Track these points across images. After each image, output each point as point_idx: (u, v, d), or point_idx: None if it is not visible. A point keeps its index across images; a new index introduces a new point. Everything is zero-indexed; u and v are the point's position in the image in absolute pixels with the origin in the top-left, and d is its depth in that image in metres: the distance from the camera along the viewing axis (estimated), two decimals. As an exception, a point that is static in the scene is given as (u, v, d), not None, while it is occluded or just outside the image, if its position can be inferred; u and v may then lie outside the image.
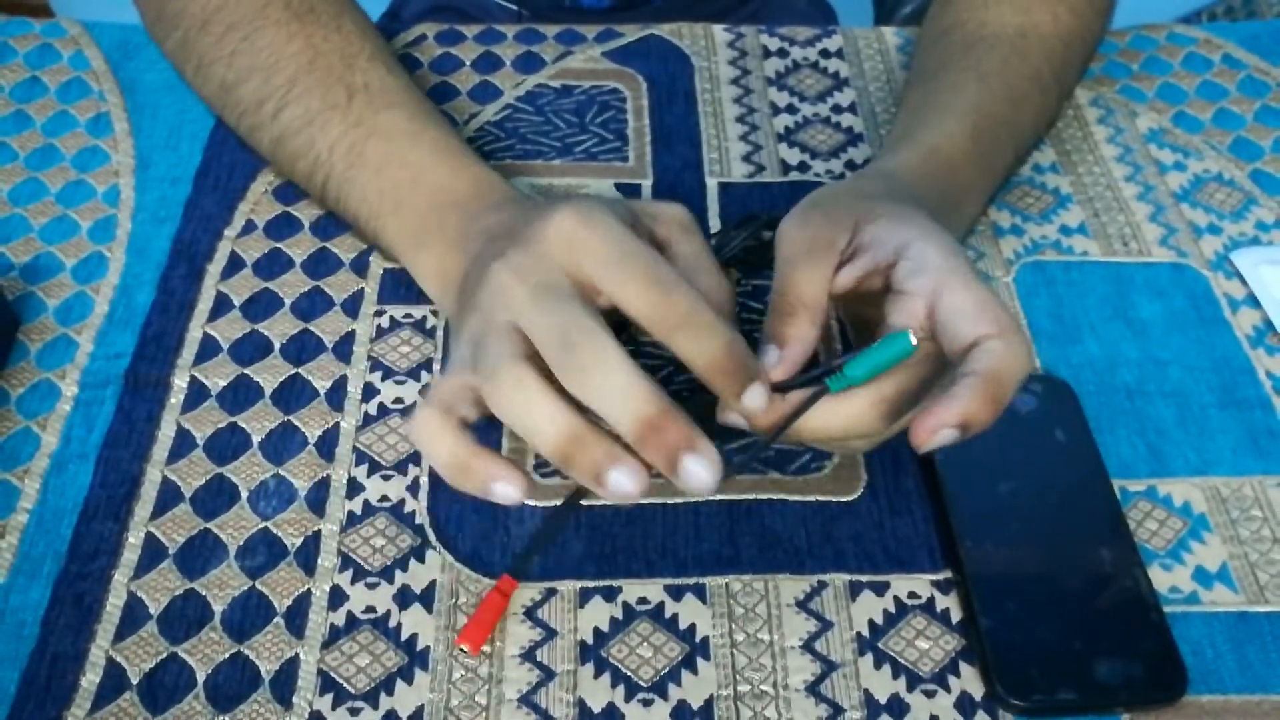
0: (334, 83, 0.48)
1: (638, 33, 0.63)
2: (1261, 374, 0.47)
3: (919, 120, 0.49)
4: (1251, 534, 0.42)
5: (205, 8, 0.50)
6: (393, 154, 0.46)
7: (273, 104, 0.48)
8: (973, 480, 0.42)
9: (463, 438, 0.34)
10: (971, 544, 0.40)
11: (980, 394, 0.34)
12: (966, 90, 0.50)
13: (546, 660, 0.38)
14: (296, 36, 0.48)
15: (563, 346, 0.33)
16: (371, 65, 0.49)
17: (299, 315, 0.48)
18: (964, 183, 0.48)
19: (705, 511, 0.42)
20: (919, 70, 0.55)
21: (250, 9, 0.49)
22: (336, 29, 0.49)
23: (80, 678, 0.37)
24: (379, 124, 0.47)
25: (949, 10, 0.55)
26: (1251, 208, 0.54)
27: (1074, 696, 0.37)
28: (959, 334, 0.36)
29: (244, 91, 0.49)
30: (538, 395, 0.33)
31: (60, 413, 0.44)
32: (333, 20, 0.50)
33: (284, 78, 0.48)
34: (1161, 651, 0.38)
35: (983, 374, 0.35)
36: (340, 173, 0.47)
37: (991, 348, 0.35)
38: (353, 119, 0.47)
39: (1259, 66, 0.61)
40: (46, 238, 0.51)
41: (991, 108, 0.50)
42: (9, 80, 0.58)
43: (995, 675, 0.37)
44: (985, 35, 0.52)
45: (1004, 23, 0.53)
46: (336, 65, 0.48)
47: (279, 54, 0.48)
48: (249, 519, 0.42)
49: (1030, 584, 0.40)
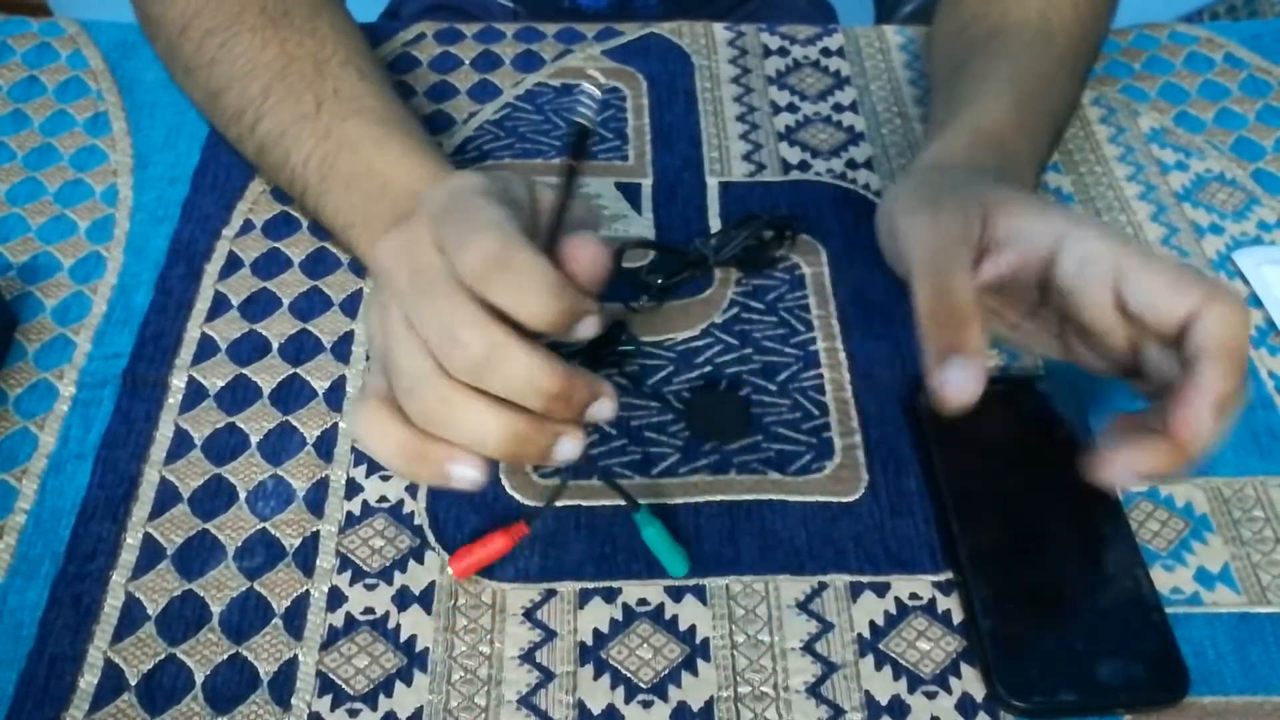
0: (304, 91, 0.47)
1: (637, 31, 0.62)
2: (1264, 374, 0.47)
3: (956, 107, 0.49)
4: (1254, 535, 0.42)
5: (184, 13, 0.50)
6: (360, 165, 0.45)
7: (250, 115, 0.48)
8: (973, 480, 0.42)
9: (410, 425, 0.33)
10: (972, 544, 0.40)
11: (1224, 372, 0.34)
12: (999, 71, 0.50)
13: (546, 662, 0.38)
14: (271, 43, 0.48)
15: (453, 343, 0.31)
16: (343, 70, 0.48)
17: (297, 315, 0.48)
18: (1015, 153, 0.47)
19: (705, 512, 0.42)
20: (943, 65, 0.55)
21: (226, 15, 0.49)
22: (310, 33, 0.49)
23: (78, 679, 0.37)
24: (346, 133, 0.46)
25: (966, 4, 0.55)
26: (1253, 207, 0.54)
27: (1075, 697, 0.37)
28: (1165, 312, 0.35)
29: (225, 101, 0.49)
30: (466, 408, 0.32)
31: (58, 413, 0.44)
32: (307, 24, 0.49)
33: (259, 87, 0.48)
34: (1163, 652, 0.38)
35: (1215, 350, 0.34)
36: (315, 185, 0.46)
37: (1211, 319, 0.34)
38: (321, 129, 0.46)
39: (1261, 66, 0.61)
40: (44, 237, 0.51)
41: (1026, 84, 0.49)
42: (7, 79, 0.58)
43: (996, 676, 0.37)
44: (1009, 23, 0.52)
45: (1027, 7, 0.52)
46: (308, 72, 0.47)
47: (254, 61, 0.48)
48: (247, 520, 0.42)
49: (1031, 585, 0.39)
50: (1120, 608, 0.39)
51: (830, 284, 0.50)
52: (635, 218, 0.53)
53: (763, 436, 0.45)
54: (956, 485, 0.42)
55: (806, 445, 0.44)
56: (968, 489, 0.42)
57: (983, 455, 0.42)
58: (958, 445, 0.42)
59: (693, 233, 0.52)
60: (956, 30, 0.55)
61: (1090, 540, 0.40)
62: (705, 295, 0.50)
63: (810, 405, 0.46)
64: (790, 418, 0.45)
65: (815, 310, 0.49)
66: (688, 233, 0.52)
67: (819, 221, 0.53)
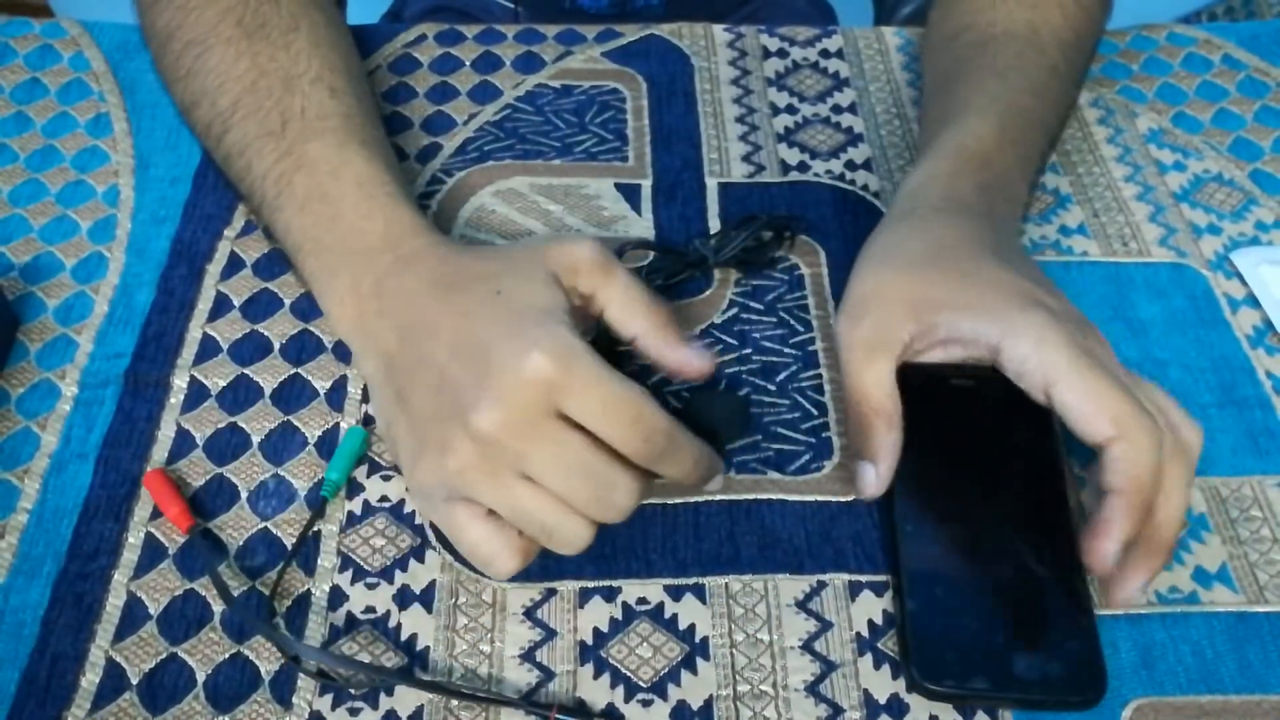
0: (271, 108, 0.46)
1: (637, 33, 0.63)
2: (1261, 374, 0.47)
3: (941, 126, 0.49)
4: (1251, 534, 0.42)
5: (168, 24, 0.50)
6: (314, 189, 0.45)
7: (218, 127, 0.47)
8: (924, 471, 0.41)
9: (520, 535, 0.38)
10: (910, 530, 0.40)
11: (1127, 512, 0.36)
12: (986, 87, 0.50)
13: (546, 660, 0.38)
14: (244, 56, 0.47)
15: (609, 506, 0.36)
16: (313, 88, 0.47)
17: (299, 315, 0.48)
18: (1000, 170, 0.47)
19: (705, 511, 0.42)
20: (933, 79, 0.55)
21: (204, 26, 0.48)
22: (285, 47, 0.48)
23: (80, 678, 0.37)
24: (307, 153, 0.45)
25: (955, 14, 0.55)
26: (1251, 208, 0.54)
27: (987, 686, 0.37)
28: (1083, 434, 0.37)
29: (200, 113, 0.49)
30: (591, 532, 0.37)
31: (60, 412, 0.44)
32: (283, 38, 0.48)
33: (228, 100, 0.47)
34: (1083, 654, 0.37)
35: (1119, 490, 0.36)
36: (270, 201, 0.45)
37: (1116, 456, 0.36)
38: (284, 147, 0.45)
39: (1259, 67, 0.61)
40: (46, 238, 0.51)
41: (1014, 100, 0.49)
42: (9, 81, 0.58)
43: (912, 657, 0.37)
44: (997, 34, 0.52)
45: (1014, 19, 0.52)
46: (277, 88, 0.47)
47: (225, 75, 0.47)
48: (249, 519, 0.42)
49: (963, 575, 0.39)
50: (1049, 607, 0.38)
51: (829, 284, 0.50)
52: (635, 218, 0.53)
53: (762, 436, 0.45)
54: (905, 475, 0.41)
55: (806, 445, 0.45)
56: (916, 479, 0.41)
57: (937, 447, 0.42)
58: (914, 436, 0.41)
59: (692, 233, 0.52)
60: (947, 39, 0.55)
61: (1031, 538, 0.40)
62: (704, 296, 0.50)
63: (809, 405, 0.46)
64: (790, 418, 0.45)
65: (814, 310, 0.49)
66: (687, 233, 0.52)
67: (818, 222, 0.53)
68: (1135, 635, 0.39)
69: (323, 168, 0.45)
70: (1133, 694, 0.38)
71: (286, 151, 0.45)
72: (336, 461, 0.42)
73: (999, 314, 0.39)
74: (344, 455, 0.42)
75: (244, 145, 0.46)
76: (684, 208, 0.53)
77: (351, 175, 0.45)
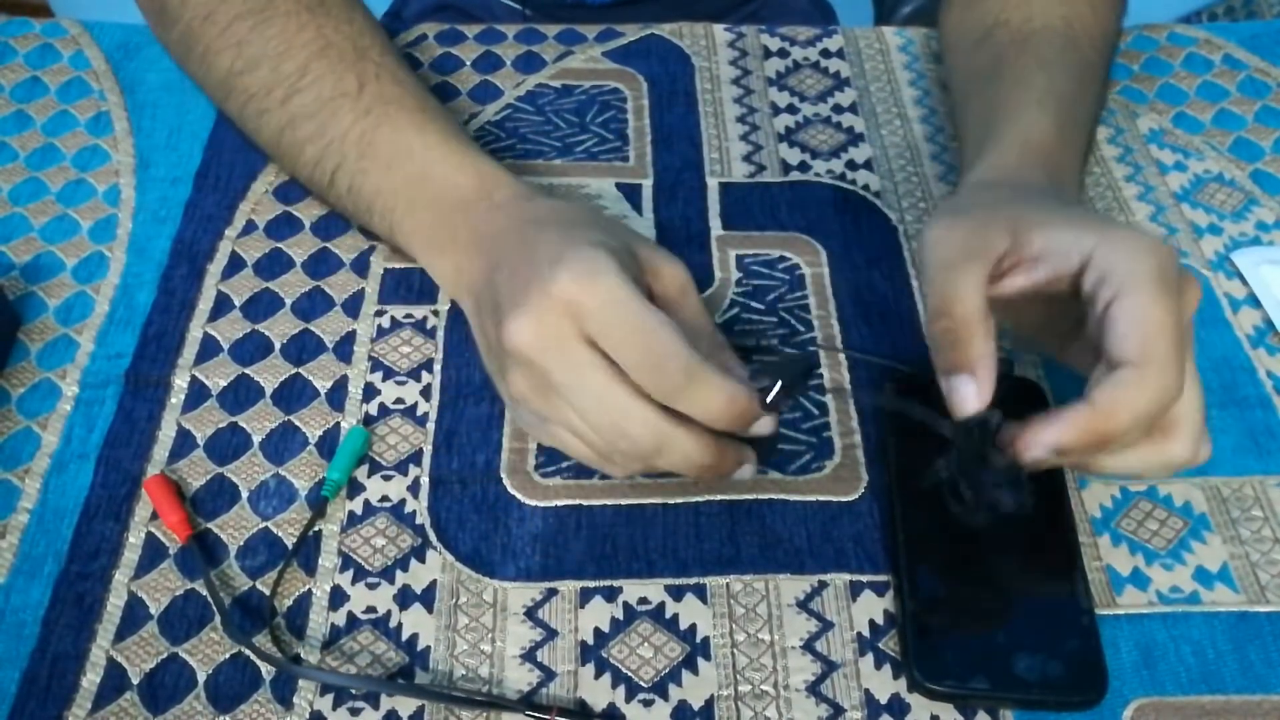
0: (345, 70, 0.47)
1: (638, 33, 0.63)
2: (1262, 373, 0.47)
3: (997, 120, 0.48)
4: (1252, 534, 0.42)
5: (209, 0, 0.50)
6: (401, 147, 0.46)
7: (282, 90, 0.48)
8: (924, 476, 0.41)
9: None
10: (911, 531, 0.40)
11: (1080, 427, 0.34)
12: (1035, 81, 0.49)
13: (547, 660, 0.38)
14: (308, 26, 0.48)
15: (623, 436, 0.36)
16: (383, 58, 0.49)
17: (299, 315, 0.48)
18: (1061, 167, 0.47)
19: (706, 511, 0.42)
20: (968, 75, 0.54)
21: (258, 1, 0.49)
22: (348, 21, 0.49)
23: (81, 677, 0.37)
24: (388, 114, 0.47)
25: (981, 10, 0.55)
26: (1252, 208, 0.54)
27: (987, 686, 0.37)
28: (1110, 347, 0.35)
29: (251, 79, 0.49)
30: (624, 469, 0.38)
31: (61, 412, 0.44)
32: (344, 14, 0.50)
33: (294, 65, 0.48)
34: (1084, 655, 0.37)
35: (1093, 404, 0.34)
36: (352, 163, 0.47)
37: (1119, 378, 0.34)
38: (363, 107, 0.47)
39: (1259, 67, 0.61)
40: (47, 237, 0.51)
41: (1062, 91, 0.49)
42: (9, 80, 0.58)
43: (913, 657, 0.37)
44: (1035, 28, 0.52)
45: (1051, 14, 0.52)
46: (349, 54, 0.48)
47: (289, 43, 0.48)
48: (249, 519, 0.42)
49: (964, 575, 0.39)
50: (1050, 607, 0.38)
51: (830, 284, 0.50)
52: (636, 218, 0.53)
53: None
54: (907, 477, 0.41)
55: (807, 445, 0.45)
56: (918, 482, 0.41)
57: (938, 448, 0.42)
58: (916, 439, 0.41)
59: (692, 233, 0.52)
60: (979, 35, 0.54)
61: (1033, 539, 0.40)
62: (705, 295, 0.50)
63: (810, 405, 0.46)
64: (790, 417, 0.45)
65: (815, 310, 0.49)
66: (688, 233, 0.52)
67: (819, 222, 0.53)
68: (1136, 635, 0.39)
69: (406, 128, 0.46)
70: (1133, 694, 0.38)
71: (365, 111, 0.47)
72: (337, 461, 0.42)
73: (1097, 226, 0.37)
74: (345, 455, 0.42)
75: (317, 107, 0.47)
76: (685, 208, 0.53)
77: (436, 131, 0.46)
